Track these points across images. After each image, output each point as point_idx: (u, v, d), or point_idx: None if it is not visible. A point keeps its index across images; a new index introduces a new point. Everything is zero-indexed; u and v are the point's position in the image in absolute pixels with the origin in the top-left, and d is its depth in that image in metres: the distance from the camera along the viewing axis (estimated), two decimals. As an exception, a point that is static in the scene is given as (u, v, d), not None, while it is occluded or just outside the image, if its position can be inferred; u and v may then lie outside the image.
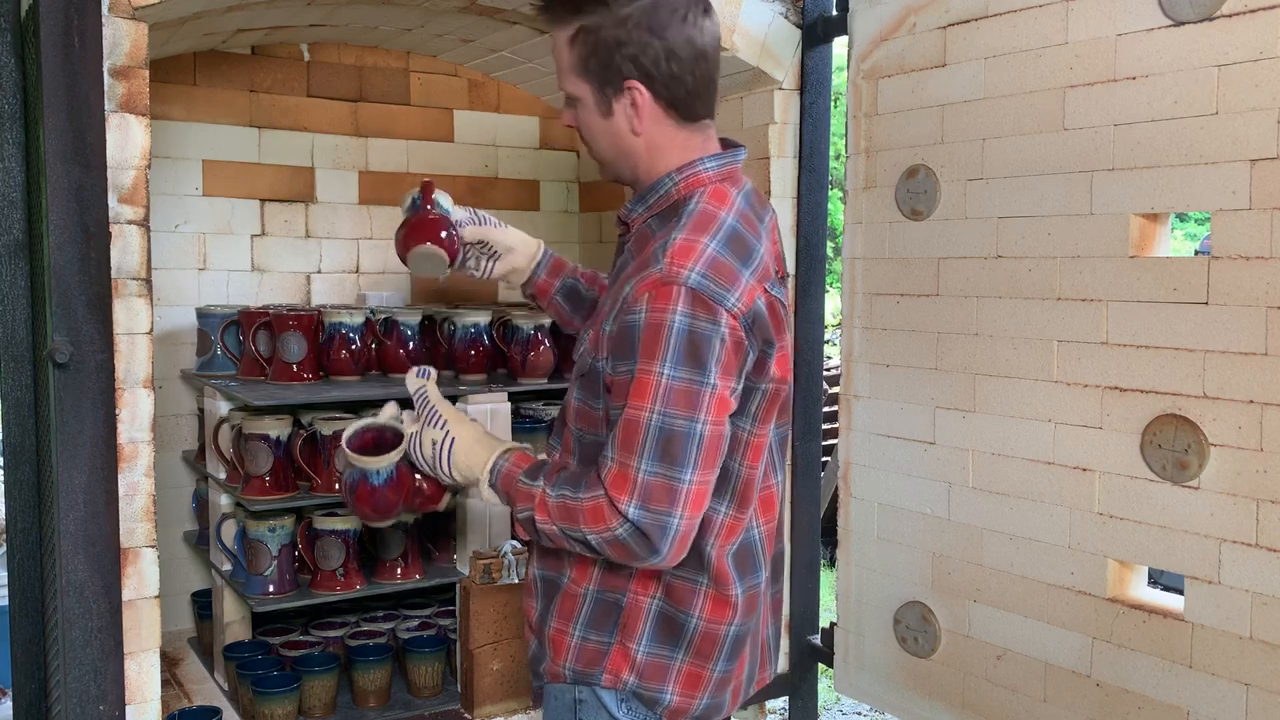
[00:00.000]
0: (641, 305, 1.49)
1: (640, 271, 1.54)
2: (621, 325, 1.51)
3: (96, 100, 1.88)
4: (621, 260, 1.69)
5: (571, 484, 1.55)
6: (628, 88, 1.58)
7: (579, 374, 1.64)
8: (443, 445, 1.68)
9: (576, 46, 1.58)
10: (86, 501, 1.88)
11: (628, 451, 1.48)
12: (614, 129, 1.62)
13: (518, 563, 2.55)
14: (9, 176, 2.14)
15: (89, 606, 1.90)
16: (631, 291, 1.52)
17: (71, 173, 1.85)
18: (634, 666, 1.63)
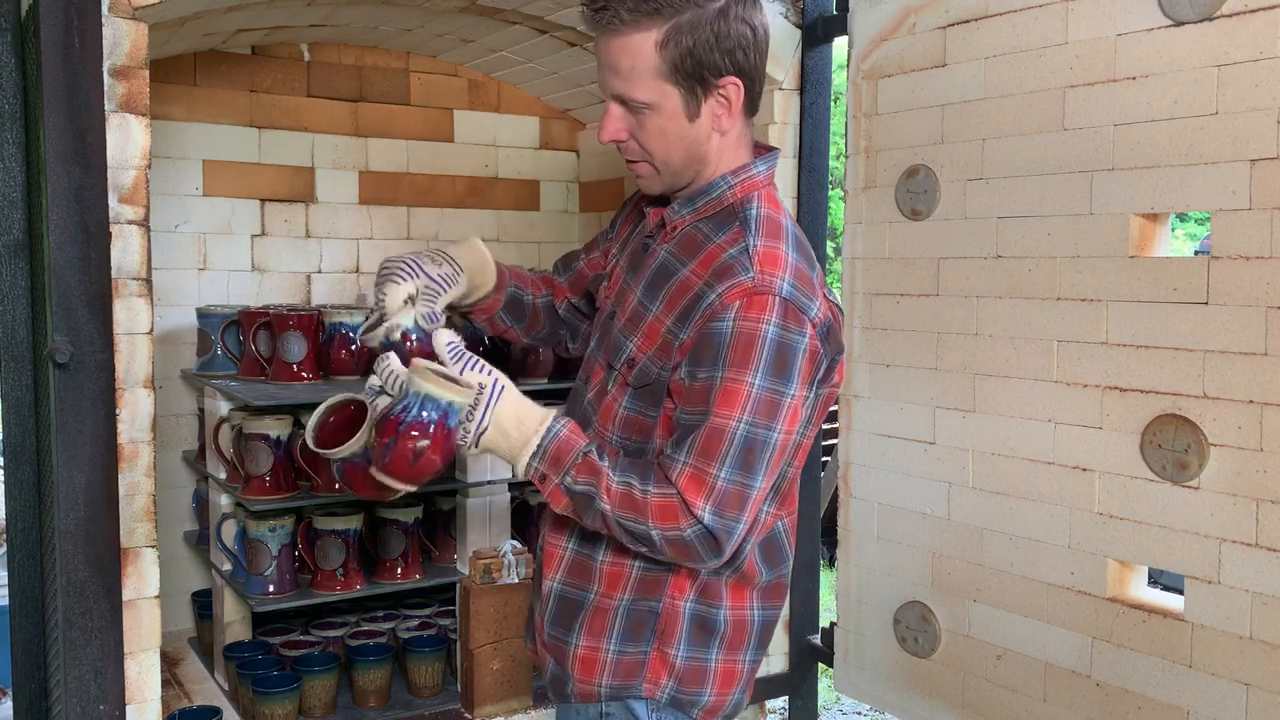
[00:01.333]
0: (731, 313, 1.46)
1: (711, 276, 1.50)
2: (706, 332, 1.48)
3: (96, 100, 1.88)
4: (660, 261, 1.61)
5: (638, 475, 1.48)
6: (723, 85, 1.50)
7: (639, 384, 1.56)
8: (491, 392, 1.47)
9: (667, 49, 1.46)
10: (86, 501, 1.88)
11: (707, 458, 1.46)
12: (696, 132, 1.54)
13: (518, 563, 2.55)
14: (9, 176, 2.15)
15: (89, 606, 1.90)
16: (718, 299, 1.47)
17: (71, 173, 1.85)
18: (673, 672, 1.62)
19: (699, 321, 1.49)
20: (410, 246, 3.39)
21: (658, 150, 1.55)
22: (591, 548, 1.62)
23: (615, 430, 1.59)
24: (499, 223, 3.56)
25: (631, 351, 1.57)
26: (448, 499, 2.75)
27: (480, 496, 2.68)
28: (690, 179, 1.59)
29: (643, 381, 1.56)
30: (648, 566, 1.60)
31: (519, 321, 1.91)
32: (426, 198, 3.43)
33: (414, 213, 3.41)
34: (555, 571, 1.67)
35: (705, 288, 1.50)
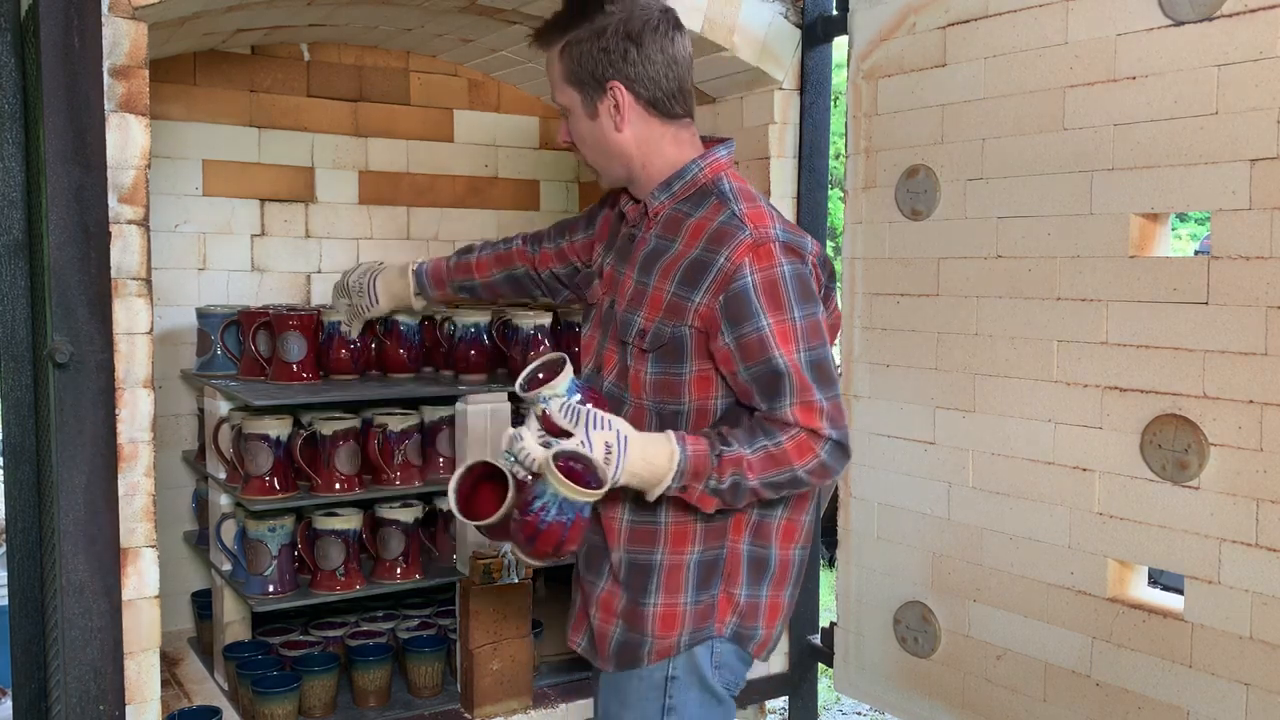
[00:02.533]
0: (746, 270, 1.69)
1: (708, 244, 1.73)
2: (730, 294, 1.69)
3: (96, 100, 1.88)
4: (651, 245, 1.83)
5: (762, 433, 1.69)
6: (609, 88, 1.77)
7: (655, 346, 1.75)
8: (620, 447, 1.64)
9: (564, 59, 1.79)
10: (86, 501, 1.88)
11: (803, 390, 1.68)
12: (600, 130, 1.80)
13: (517, 563, 2.55)
14: (9, 176, 2.14)
15: (89, 606, 1.90)
16: (727, 261, 1.69)
17: (71, 173, 1.85)
18: (736, 609, 1.82)
19: (714, 286, 1.70)
20: (410, 247, 3.40)
21: (582, 148, 1.86)
22: (651, 512, 1.78)
23: (649, 397, 1.79)
24: (499, 223, 3.56)
25: (640, 323, 1.78)
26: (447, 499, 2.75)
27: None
28: (624, 171, 1.84)
29: (657, 343, 1.76)
30: (709, 517, 1.77)
31: (477, 298, 2.39)
32: (426, 198, 3.43)
33: (414, 213, 3.41)
34: (619, 542, 1.82)
35: (706, 254, 1.72)
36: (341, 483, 2.56)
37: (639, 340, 1.78)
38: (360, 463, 2.59)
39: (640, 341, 1.78)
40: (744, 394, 1.74)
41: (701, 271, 1.72)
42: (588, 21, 1.77)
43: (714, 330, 1.72)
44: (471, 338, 2.76)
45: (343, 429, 2.55)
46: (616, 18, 1.77)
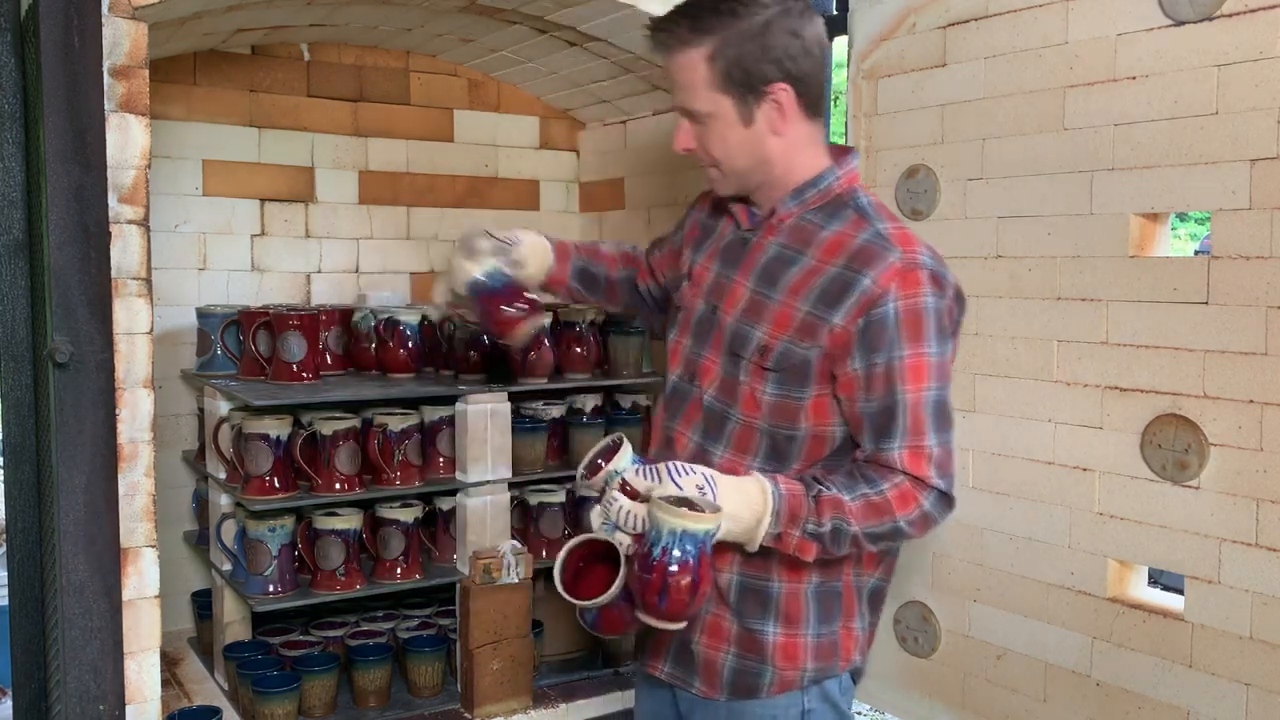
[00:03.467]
0: (891, 296, 1.56)
1: (850, 262, 1.59)
2: (871, 319, 1.56)
3: (96, 100, 1.88)
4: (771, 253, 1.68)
5: (862, 481, 1.57)
6: (772, 92, 1.61)
7: (781, 367, 1.62)
8: (709, 485, 1.53)
9: (716, 62, 1.59)
10: (86, 501, 1.88)
11: (917, 433, 1.57)
12: (754, 137, 1.64)
13: (517, 562, 2.55)
14: (9, 176, 2.14)
15: (89, 606, 1.89)
16: (873, 284, 1.56)
17: (71, 173, 1.85)
18: (858, 644, 1.73)
19: (855, 310, 1.57)
20: (410, 246, 3.40)
21: (720, 155, 1.66)
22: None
23: (765, 419, 1.64)
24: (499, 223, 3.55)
25: (762, 339, 1.63)
26: (448, 499, 2.75)
27: (480, 496, 2.68)
28: (760, 179, 1.68)
29: (786, 364, 1.62)
30: None
31: (592, 292, 2.12)
32: (426, 197, 3.43)
33: (414, 212, 3.41)
34: (729, 563, 1.67)
35: (848, 273, 1.58)
36: (341, 483, 2.56)
37: (759, 357, 1.63)
38: (360, 463, 2.59)
39: (761, 359, 1.63)
40: (854, 426, 1.62)
41: (842, 292, 1.58)
42: (738, 17, 1.57)
43: (844, 355, 1.58)
44: (471, 337, 2.76)
45: (343, 429, 2.55)
46: (773, 9, 1.57)
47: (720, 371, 1.68)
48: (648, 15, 2.55)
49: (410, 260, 3.42)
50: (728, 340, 1.67)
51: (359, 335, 2.84)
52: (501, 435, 2.68)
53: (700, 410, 1.70)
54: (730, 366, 1.67)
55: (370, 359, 2.84)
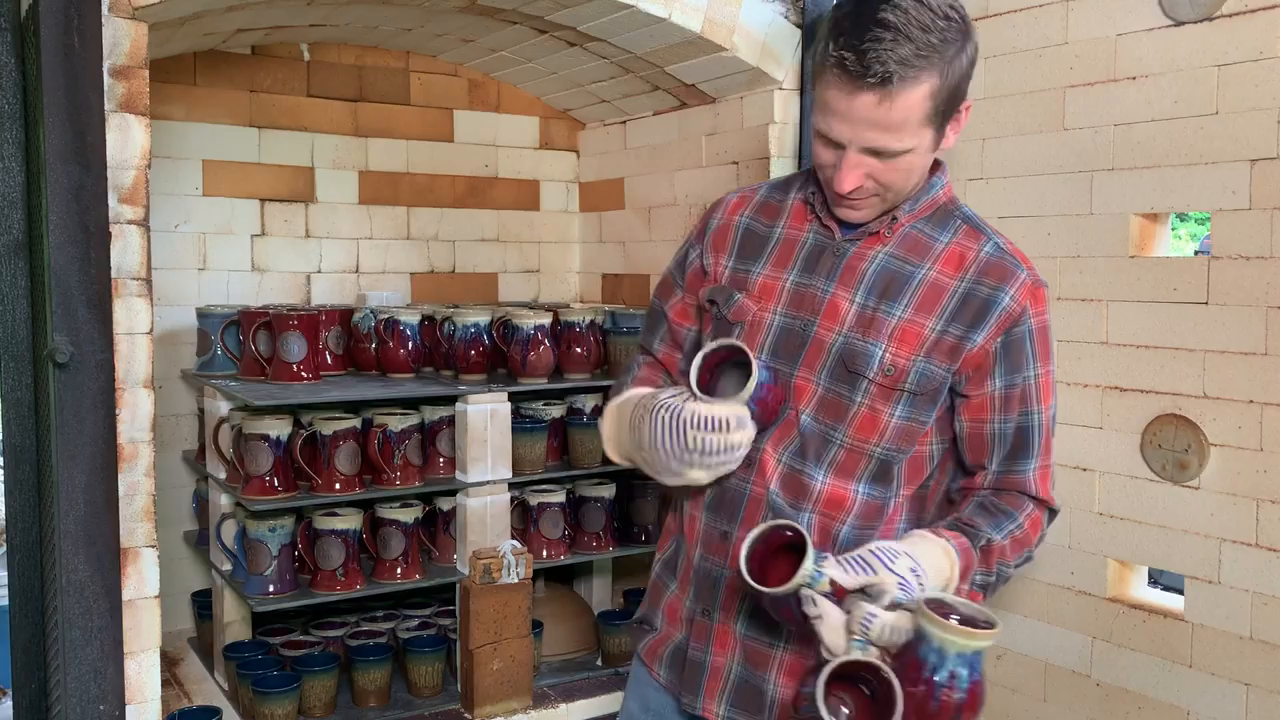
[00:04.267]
0: (1028, 314, 1.51)
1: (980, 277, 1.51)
2: (1012, 338, 1.51)
3: (96, 100, 1.88)
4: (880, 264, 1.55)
5: (1004, 515, 1.51)
6: (964, 110, 1.51)
7: (924, 389, 1.51)
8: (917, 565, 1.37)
9: (937, 97, 1.43)
10: (86, 501, 1.88)
11: (1047, 453, 1.55)
12: (927, 161, 1.53)
13: (517, 562, 2.55)
14: (9, 176, 2.15)
15: (89, 606, 1.90)
16: (1013, 302, 1.50)
17: (71, 173, 1.85)
18: None
19: (995, 328, 1.50)
20: (410, 246, 3.40)
21: (899, 186, 1.51)
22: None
23: (882, 442, 1.53)
24: (499, 223, 3.56)
25: (887, 358, 1.51)
26: (448, 499, 2.75)
27: (480, 496, 2.68)
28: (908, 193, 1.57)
29: (926, 386, 1.51)
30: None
31: None
32: (426, 198, 3.43)
33: (414, 213, 3.42)
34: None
35: (983, 289, 1.51)
36: (341, 483, 2.56)
37: (891, 378, 1.50)
38: (360, 463, 2.59)
39: (894, 380, 1.50)
40: (976, 447, 1.54)
41: (983, 309, 1.50)
42: (960, 43, 1.42)
43: (980, 375, 1.51)
44: (471, 338, 2.76)
45: (343, 429, 2.55)
46: (957, 23, 1.42)
47: (820, 391, 1.54)
48: (648, 15, 2.57)
49: (410, 260, 3.42)
50: (835, 358, 1.53)
51: (359, 335, 2.84)
52: (501, 435, 2.68)
53: (794, 430, 1.55)
54: (837, 386, 1.53)
55: (370, 359, 2.84)
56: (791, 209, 1.64)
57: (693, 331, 1.73)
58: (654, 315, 1.79)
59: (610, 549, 2.93)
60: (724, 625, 1.59)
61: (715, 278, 1.67)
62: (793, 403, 1.56)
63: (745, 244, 1.66)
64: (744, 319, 1.60)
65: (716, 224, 1.70)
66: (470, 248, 3.52)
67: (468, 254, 3.52)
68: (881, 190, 1.50)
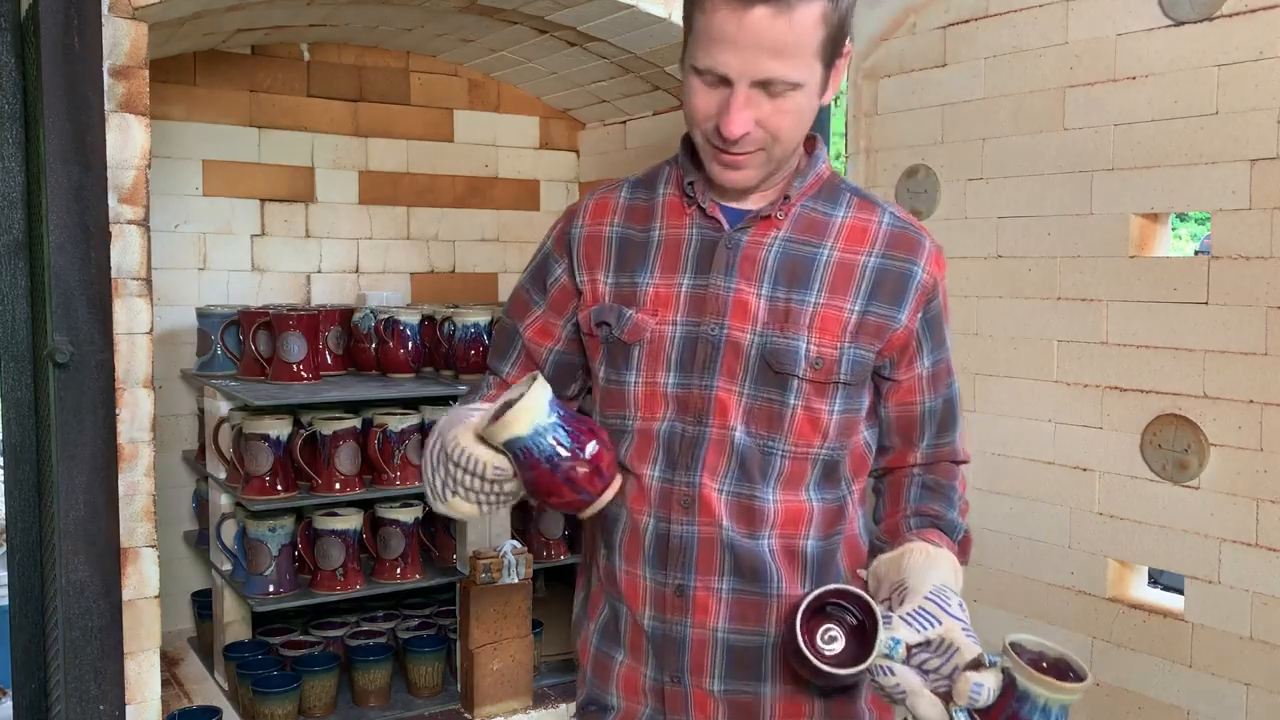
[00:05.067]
0: (937, 283, 1.45)
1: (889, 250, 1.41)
2: (931, 313, 1.44)
3: (96, 100, 1.88)
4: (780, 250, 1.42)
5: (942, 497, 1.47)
6: (846, 53, 1.37)
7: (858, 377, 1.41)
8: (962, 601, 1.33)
9: (829, 21, 1.30)
10: (86, 501, 1.88)
11: (961, 419, 1.52)
12: (814, 109, 1.37)
13: (517, 562, 2.55)
14: (9, 176, 2.15)
15: (89, 606, 1.90)
16: (926, 275, 1.42)
17: (71, 173, 1.85)
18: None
19: (915, 304, 1.42)
20: (410, 246, 3.40)
21: (788, 135, 1.35)
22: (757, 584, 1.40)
23: (826, 443, 1.42)
24: (499, 223, 3.56)
25: (813, 350, 1.39)
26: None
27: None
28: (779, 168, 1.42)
29: (859, 373, 1.41)
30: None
31: None
32: (426, 198, 3.43)
33: (413, 213, 3.41)
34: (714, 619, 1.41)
35: (897, 264, 1.41)
36: (341, 483, 2.56)
37: (822, 371, 1.38)
38: (360, 463, 2.59)
39: (825, 373, 1.38)
40: (904, 428, 1.48)
41: (900, 285, 1.41)
42: None
43: (906, 356, 1.44)
44: (471, 338, 2.76)
45: (343, 429, 2.55)
46: None
47: (746, 401, 1.40)
48: (648, 15, 2.56)
49: (410, 260, 3.42)
50: (756, 360, 1.39)
51: (359, 335, 2.84)
52: (501, 435, 2.68)
53: (726, 452, 1.39)
54: (766, 391, 1.39)
55: (370, 359, 2.84)
56: (664, 207, 1.48)
57: (554, 352, 1.55)
58: (506, 334, 1.59)
59: (610, 549, 2.93)
60: (699, 689, 1.42)
61: (595, 296, 1.48)
62: (715, 420, 1.40)
63: (623, 254, 1.48)
64: (641, 337, 1.43)
65: (581, 234, 1.51)
66: (470, 248, 3.52)
67: (468, 254, 3.52)
68: (769, 142, 1.35)
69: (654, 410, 1.43)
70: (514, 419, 1.25)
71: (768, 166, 1.38)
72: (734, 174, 1.38)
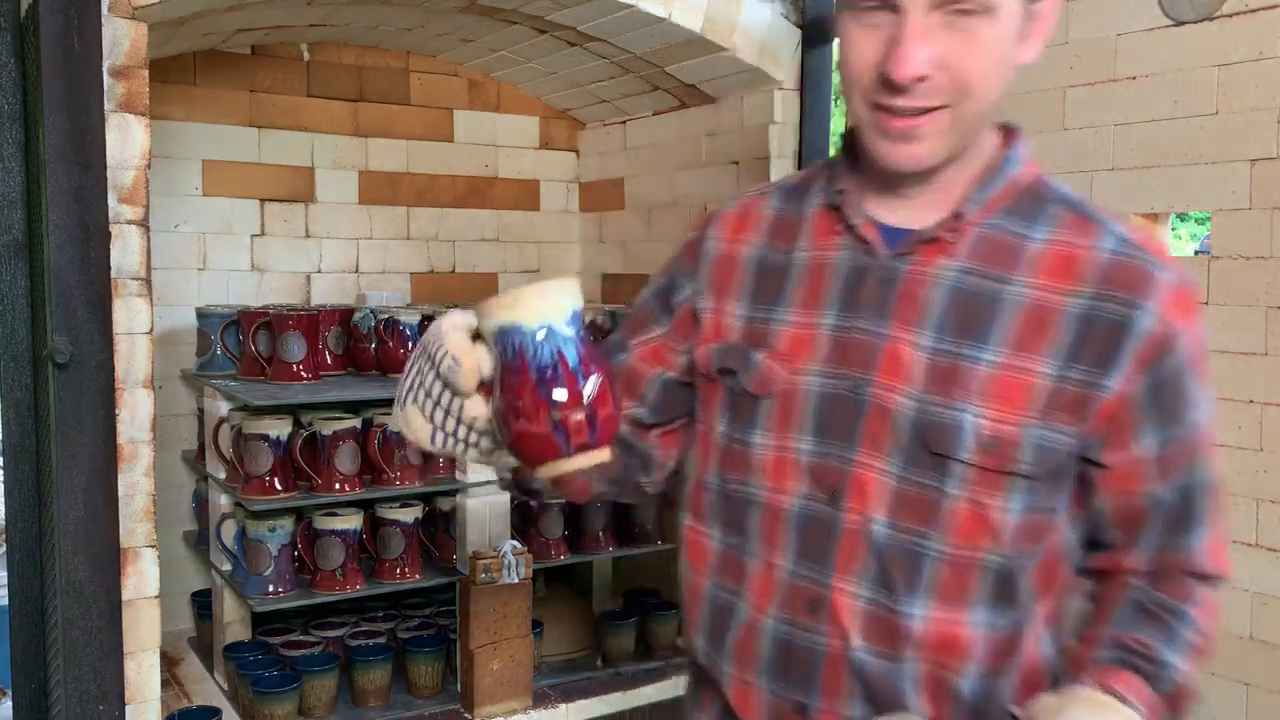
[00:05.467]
0: (1179, 334, 1.07)
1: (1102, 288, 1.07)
2: (1166, 373, 1.07)
3: (96, 100, 1.88)
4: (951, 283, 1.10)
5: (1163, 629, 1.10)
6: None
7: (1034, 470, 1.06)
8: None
9: None
10: (86, 501, 1.88)
11: (1217, 514, 1.12)
12: (1008, 64, 1.14)
13: (518, 563, 2.55)
14: (9, 176, 2.15)
15: (89, 606, 1.90)
16: (1156, 321, 1.06)
17: (71, 173, 1.85)
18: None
19: (1136, 362, 1.05)
20: (410, 246, 3.40)
21: (980, 84, 1.09)
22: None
23: (997, 548, 1.08)
24: (499, 223, 3.56)
25: (984, 427, 1.06)
26: (447, 499, 2.75)
27: (480, 496, 2.68)
28: (971, 143, 1.14)
29: (1048, 462, 1.07)
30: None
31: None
32: (426, 198, 3.43)
33: (414, 213, 3.42)
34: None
35: (1110, 306, 1.06)
36: (341, 483, 2.56)
37: (996, 456, 1.06)
38: (360, 463, 2.59)
39: (1000, 459, 1.06)
40: (1126, 524, 1.12)
41: (1114, 337, 1.05)
42: None
43: (1121, 433, 1.07)
44: (471, 338, 2.76)
45: (343, 429, 2.55)
46: None
47: (893, 483, 1.09)
48: (648, 15, 2.56)
49: (410, 260, 3.42)
50: (909, 434, 1.08)
51: (359, 335, 2.84)
52: (501, 435, 2.67)
53: (864, 547, 1.10)
54: (919, 475, 1.08)
55: (370, 359, 2.84)
56: (813, 222, 1.20)
57: (664, 379, 1.29)
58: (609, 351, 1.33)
59: (610, 549, 2.93)
60: None
61: (720, 332, 1.22)
62: (851, 502, 1.11)
63: (760, 281, 1.21)
64: (770, 390, 1.16)
65: (716, 252, 1.26)
66: (470, 248, 3.52)
67: (468, 254, 3.52)
68: (955, 96, 1.08)
69: (784, 481, 1.16)
70: (520, 302, 1.00)
71: (953, 137, 1.10)
72: (908, 148, 1.08)
